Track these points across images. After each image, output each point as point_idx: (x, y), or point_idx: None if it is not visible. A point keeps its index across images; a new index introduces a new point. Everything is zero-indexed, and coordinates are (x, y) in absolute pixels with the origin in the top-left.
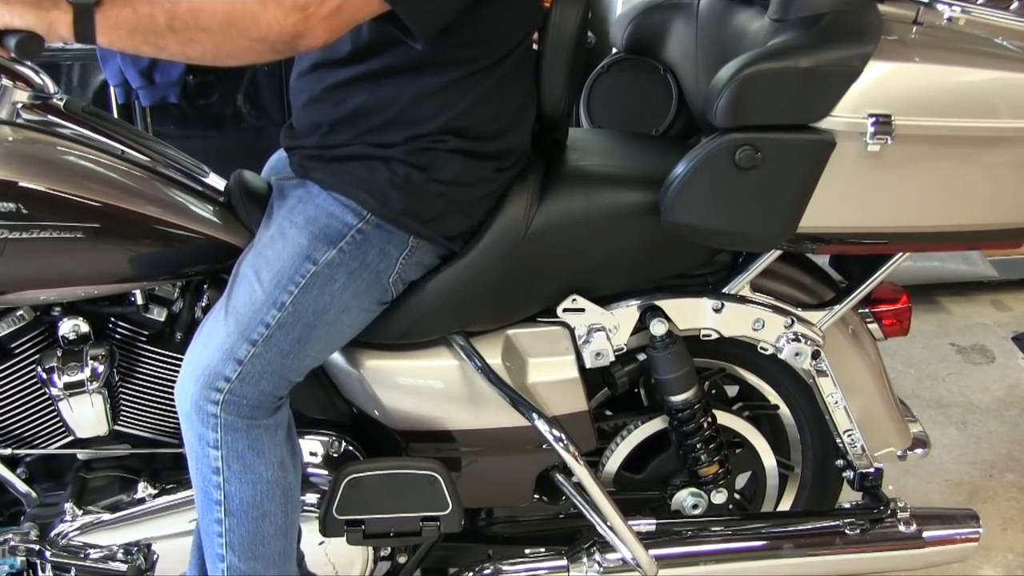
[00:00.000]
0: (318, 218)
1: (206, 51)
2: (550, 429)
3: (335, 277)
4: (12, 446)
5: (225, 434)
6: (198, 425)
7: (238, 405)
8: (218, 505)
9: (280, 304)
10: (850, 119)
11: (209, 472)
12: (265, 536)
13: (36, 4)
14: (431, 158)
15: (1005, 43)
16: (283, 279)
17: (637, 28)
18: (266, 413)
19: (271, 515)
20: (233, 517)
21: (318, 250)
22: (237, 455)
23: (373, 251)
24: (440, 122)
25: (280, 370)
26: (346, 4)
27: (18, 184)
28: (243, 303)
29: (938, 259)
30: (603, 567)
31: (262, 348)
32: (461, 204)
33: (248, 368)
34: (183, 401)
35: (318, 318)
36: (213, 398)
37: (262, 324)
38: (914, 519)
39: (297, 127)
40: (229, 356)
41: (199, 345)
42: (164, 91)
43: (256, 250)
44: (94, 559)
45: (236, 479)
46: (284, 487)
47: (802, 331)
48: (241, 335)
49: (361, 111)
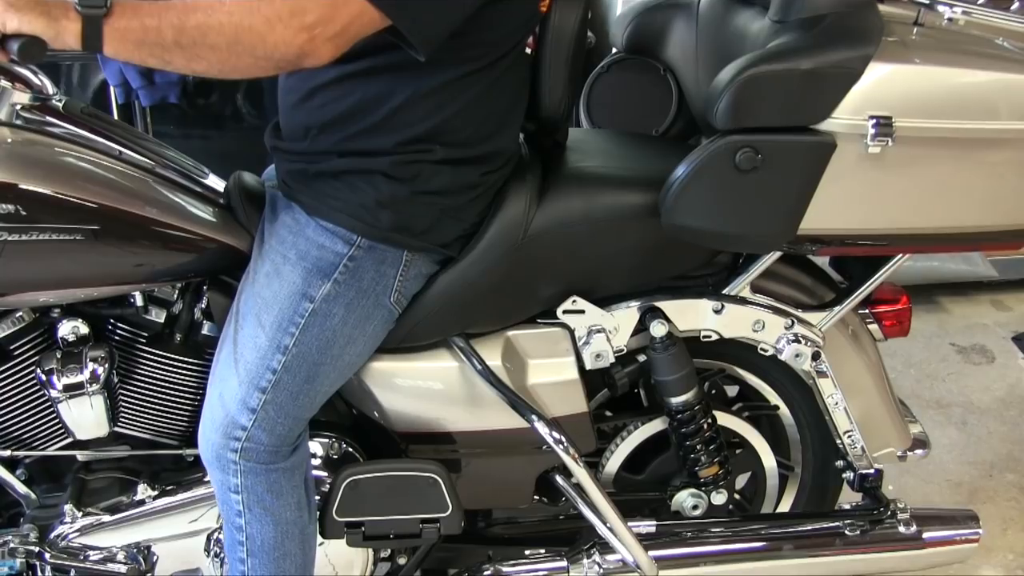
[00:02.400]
0: (309, 252)
1: (211, 66)
2: (550, 430)
3: (333, 311)
4: (12, 448)
5: (245, 479)
6: (219, 472)
7: (256, 451)
8: (241, 545)
9: (284, 348)
10: (851, 121)
11: (232, 515)
12: (286, 574)
13: (46, 12)
14: (417, 170)
15: (1006, 44)
16: (283, 321)
17: (637, 28)
18: (283, 456)
19: (291, 555)
20: (255, 557)
21: (313, 286)
22: (257, 498)
23: (367, 276)
24: (430, 124)
25: (293, 411)
26: (351, 23)
27: (17, 186)
28: (249, 350)
29: (938, 259)
30: (603, 568)
31: (272, 394)
32: (451, 211)
33: (262, 415)
34: (205, 450)
35: (323, 355)
36: (232, 447)
37: (269, 370)
38: (914, 520)
39: (284, 128)
40: (243, 406)
41: (214, 394)
42: (164, 91)
43: (254, 289)
44: (94, 561)
45: (257, 521)
46: (302, 526)
47: (802, 332)
48: (251, 384)
49: (351, 111)
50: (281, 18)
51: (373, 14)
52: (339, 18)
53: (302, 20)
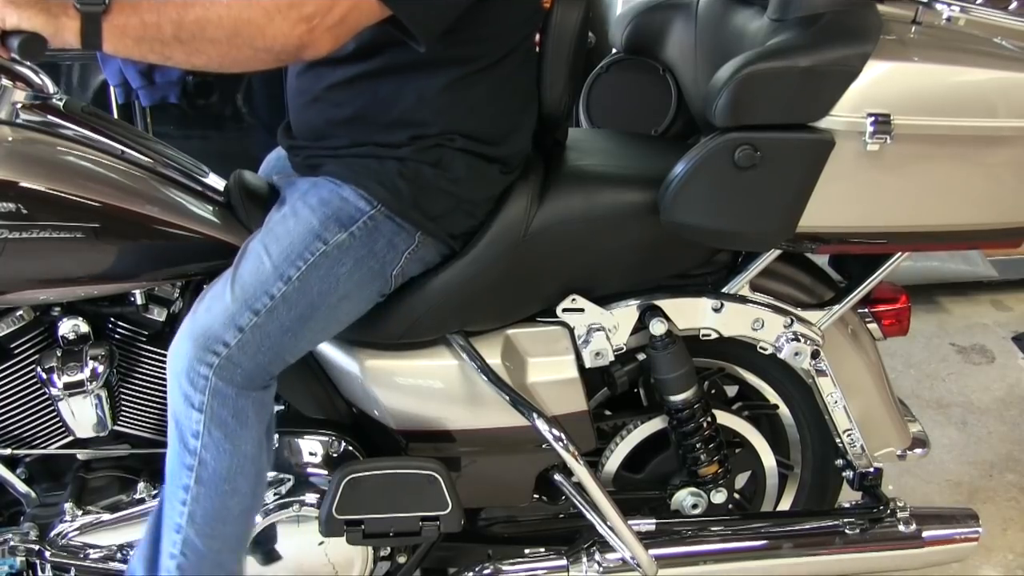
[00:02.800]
0: (331, 200)
1: (211, 60)
2: (550, 429)
3: (343, 260)
4: (12, 446)
5: (212, 398)
6: (186, 385)
7: (232, 372)
8: (189, 471)
9: (287, 278)
10: (849, 119)
11: (188, 435)
12: (229, 514)
13: (45, 9)
14: (439, 155)
15: (1004, 43)
16: (292, 254)
17: (637, 28)
18: (256, 386)
19: (240, 492)
20: (202, 486)
21: (329, 231)
22: (220, 421)
23: (382, 240)
24: (442, 124)
25: (277, 345)
26: (350, 13)
27: (18, 184)
28: (250, 274)
29: (938, 259)
30: (603, 567)
31: (264, 318)
32: (466, 204)
33: (248, 337)
34: (176, 360)
35: (321, 299)
36: (208, 360)
37: (267, 295)
38: (914, 519)
39: (296, 128)
40: (231, 322)
41: (200, 308)
42: (164, 91)
43: (267, 227)
44: (94, 559)
45: (214, 446)
46: (258, 466)
47: (801, 331)
48: (245, 303)
49: (362, 114)
50: (280, 9)
51: (371, 3)
52: (338, 8)
53: (300, 11)
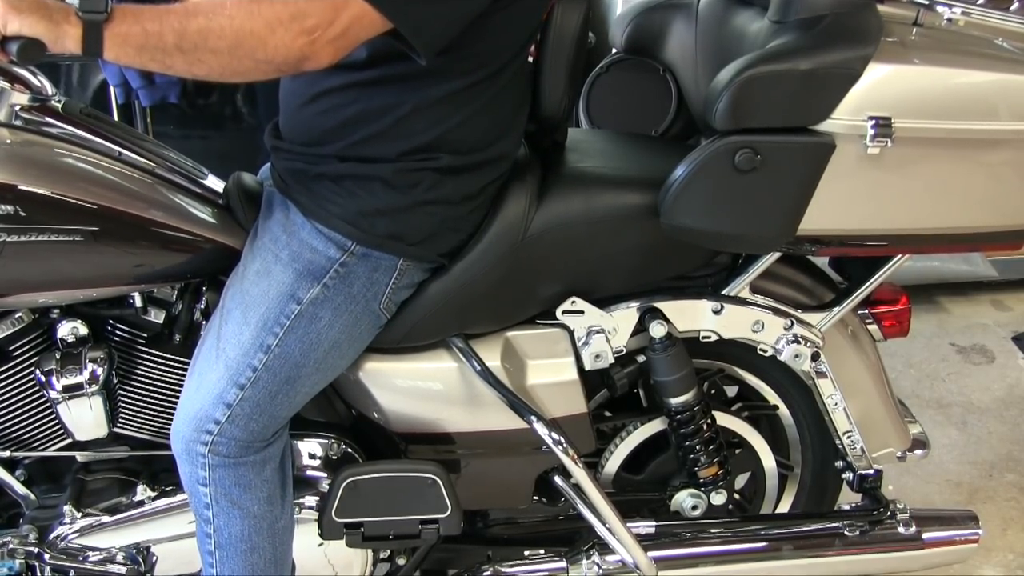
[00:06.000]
0: (302, 254)
1: (212, 70)
2: (549, 431)
3: (319, 315)
4: (11, 448)
5: (212, 472)
6: (187, 465)
7: (227, 445)
8: (208, 538)
9: (266, 347)
10: (850, 121)
11: (201, 507)
12: (255, 568)
13: (47, 16)
14: (418, 179)
15: (1005, 45)
16: (268, 320)
17: (637, 28)
18: (255, 451)
19: (260, 549)
20: (223, 550)
21: (302, 288)
22: (225, 491)
23: (358, 283)
24: (434, 135)
25: (269, 410)
26: (352, 26)
27: (16, 187)
28: (232, 345)
29: (938, 259)
30: (602, 569)
31: (250, 391)
32: (450, 221)
33: (237, 411)
34: (176, 441)
35: (305, 357)
36: (203, 439)
37: (249, 368)
38: (913, 520)
39: (285, 129)
40: (219, 400)
41: (192, 386)
42: (164, 91)
43: (243, 285)
44: (93, 561)
45: (224, 515)
46: (271, 521)
47: (801, 332)
48: (230, 379)
49: (355, 119)
50: (282, 22)
51: (374, 16)
52: (340, 21)
53: (302, 24)
